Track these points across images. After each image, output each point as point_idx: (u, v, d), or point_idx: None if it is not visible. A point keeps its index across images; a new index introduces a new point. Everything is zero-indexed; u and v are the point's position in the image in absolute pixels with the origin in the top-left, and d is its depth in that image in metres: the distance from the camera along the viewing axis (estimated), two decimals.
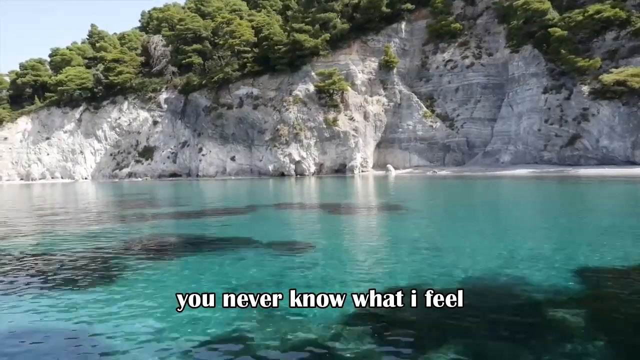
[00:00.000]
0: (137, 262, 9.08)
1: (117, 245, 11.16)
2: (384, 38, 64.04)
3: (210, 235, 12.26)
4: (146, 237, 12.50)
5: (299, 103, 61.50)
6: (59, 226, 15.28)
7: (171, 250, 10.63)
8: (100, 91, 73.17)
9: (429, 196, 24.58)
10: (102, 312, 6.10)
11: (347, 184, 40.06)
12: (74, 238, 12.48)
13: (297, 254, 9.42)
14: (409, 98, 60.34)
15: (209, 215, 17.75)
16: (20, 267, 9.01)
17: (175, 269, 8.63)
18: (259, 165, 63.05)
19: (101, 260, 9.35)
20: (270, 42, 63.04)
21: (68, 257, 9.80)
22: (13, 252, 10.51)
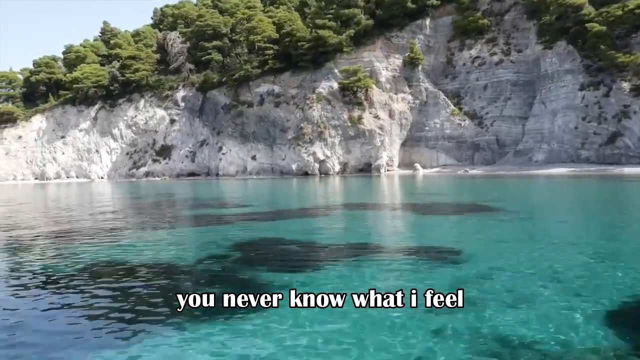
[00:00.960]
0: (291, 272, 7.78)
1: (249, 253, 9.89)
2: (408, 34, 62.75)
3: (333, 241, 10.96)
4: (262, 242, 11.21)
5: (322, 101, 60.19)
6: (162, 231, 13.98)
7: (321, 257, 9.29)
8: (116, 89, 71.83)
9: (500, 196, 23.29)
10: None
11: (382, 183, 38.78)
12: (191, 245, 11.20)
13: (456, 262, 8.13)
14: (435, 96, 59.04)
15: (298, 217, 16.42)
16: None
17: (349, 274, 7.32)
18: (281, 164, 61.74)
19: (248, 268, 8.08)
20: (292, 39, 61.71)
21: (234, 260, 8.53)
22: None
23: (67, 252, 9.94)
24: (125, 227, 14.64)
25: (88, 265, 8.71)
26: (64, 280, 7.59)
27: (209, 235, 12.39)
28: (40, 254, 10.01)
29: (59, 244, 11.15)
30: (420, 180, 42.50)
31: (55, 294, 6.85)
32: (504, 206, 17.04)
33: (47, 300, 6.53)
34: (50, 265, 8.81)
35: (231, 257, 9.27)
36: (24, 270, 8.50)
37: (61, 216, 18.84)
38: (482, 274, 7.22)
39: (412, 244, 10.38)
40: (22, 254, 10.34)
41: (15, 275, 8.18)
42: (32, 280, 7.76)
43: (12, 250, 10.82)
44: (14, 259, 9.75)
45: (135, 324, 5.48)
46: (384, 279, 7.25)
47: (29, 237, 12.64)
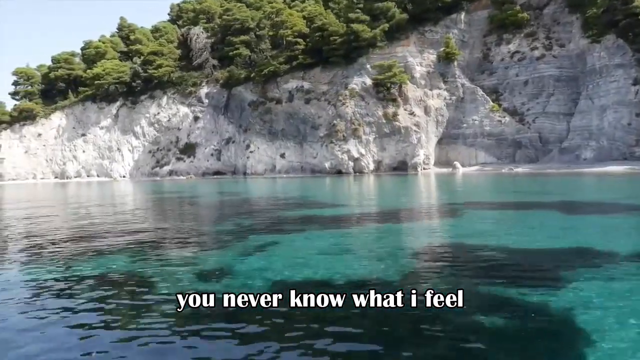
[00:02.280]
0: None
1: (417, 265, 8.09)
2: (442, 29, 61.01)
3: (541, 245, 9.13)
4: (452, 247, 9.40)
5: (356, 97, 58.39)
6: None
7: (563, 266, 7.48)
8: (138, 85, 69.98)
9: (595, 194, 21.48)
10: None
11: (436, 182, 36.98)
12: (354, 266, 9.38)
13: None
14: (473, 92, 57.24)
15: (429, 218, 14.65)
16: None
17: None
18: (313, 163, 59.91)
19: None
20: (323, 33, 59.87)
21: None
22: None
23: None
24: (254, 229, 12.83)
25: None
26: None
27: (379, 243, 10.55)
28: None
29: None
30: (470, 178, 40.64)
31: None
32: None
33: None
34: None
35: (470, 272, 7.46)
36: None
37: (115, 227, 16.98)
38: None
39: (615, 250, 8.53)
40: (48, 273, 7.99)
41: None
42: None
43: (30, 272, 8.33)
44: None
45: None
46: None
47: (55, 251, 10.14)
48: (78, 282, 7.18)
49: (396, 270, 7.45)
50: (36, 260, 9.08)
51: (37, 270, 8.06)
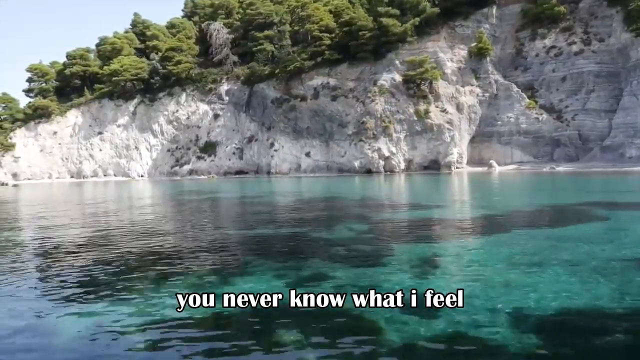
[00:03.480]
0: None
1: None
2: (473, 24, 59.16)
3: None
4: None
5: (385, 94, 56.51)
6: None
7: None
8: (157, 82, 68.02)
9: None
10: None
11: (483, 181, 35.09)
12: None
13: None
14: (507, 88, 55.35)
15: (576, 221, 12.76)
16: None
17: None
18: (340, 162, 57.98)
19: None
20: (352, 28, 57.95)
21: None
22: None
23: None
24: (387, 236, 10.92)
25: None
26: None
27: (568, 251, 8.64)
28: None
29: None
30: (512, 178, 38.71)
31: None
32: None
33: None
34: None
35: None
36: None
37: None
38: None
39: None
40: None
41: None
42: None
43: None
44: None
45: None
46: None
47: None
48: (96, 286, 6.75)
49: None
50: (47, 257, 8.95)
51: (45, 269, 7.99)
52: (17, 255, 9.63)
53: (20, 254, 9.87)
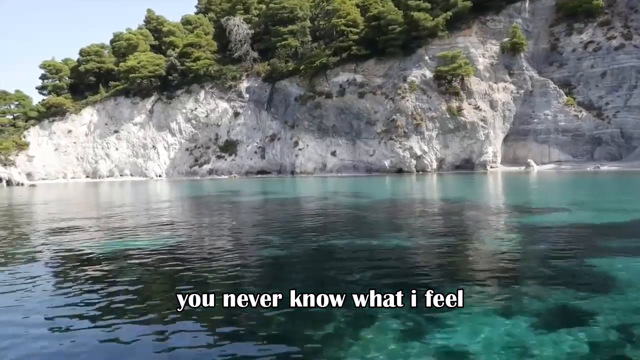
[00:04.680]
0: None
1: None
2: (505, 18, 57.14)
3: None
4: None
5: (416, 90, 54.49)
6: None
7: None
8: (175, 79, 65.92)
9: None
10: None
11: (534, 181, 33.04)
12: None
13: None
14: (543, 84, 53.33)
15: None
16: None
17: None
18: (369, 161, 55.94)
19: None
20: (380, 22, 55.91)
21: None
22: None
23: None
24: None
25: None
26: None
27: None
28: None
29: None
30: (557, 177, 36.64)
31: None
32: None
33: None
34: None
35: None
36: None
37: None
38: None
39: None
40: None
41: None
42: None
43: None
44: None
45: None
46: None
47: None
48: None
49: None
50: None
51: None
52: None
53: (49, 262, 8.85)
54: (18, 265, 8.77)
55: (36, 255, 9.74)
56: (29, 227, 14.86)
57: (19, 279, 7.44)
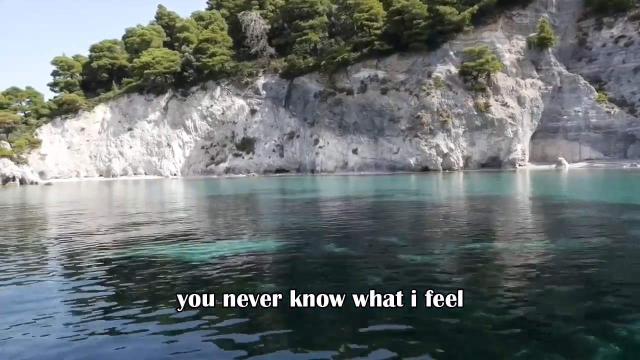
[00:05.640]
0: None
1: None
2: (532, 13, 55.72)
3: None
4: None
5: (442, 86, 53.05)
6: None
7: None
8: (191, 75, 64.41)
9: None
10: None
11: (580, 180, 31.59)
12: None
13: None
14: (573, 80, 51.89)
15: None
16: None
17: None
18: (392, 159, 54.50)
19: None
20: (404, 17, 54.47)
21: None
22: None
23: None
24: None
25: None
26: None
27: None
28: None
29: None
30: (593, 175, 35.14)
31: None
32: None
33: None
34: None
35: None
36: None
37: None
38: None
39: None
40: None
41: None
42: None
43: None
44: None
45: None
46: None
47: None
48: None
49: None
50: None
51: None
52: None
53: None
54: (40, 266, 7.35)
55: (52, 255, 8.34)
56: (56, 230, 13.41)
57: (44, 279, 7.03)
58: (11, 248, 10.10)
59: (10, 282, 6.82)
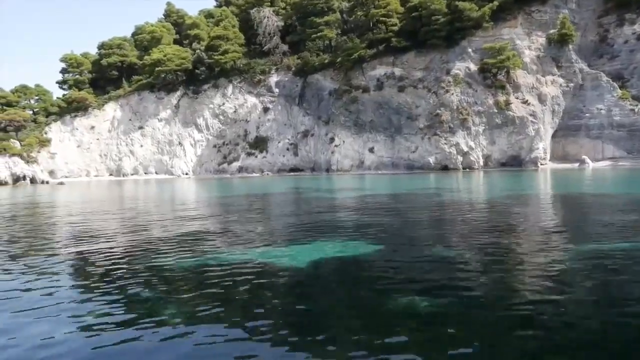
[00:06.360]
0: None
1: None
2: (551, 9, 54.79)
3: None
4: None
5: (461, 84, 52.11)
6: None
7: None
8: (202, 73, 63.38)
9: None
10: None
11: (605, 179, 30.65)
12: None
13: None
14: (595, 78, 50.98)
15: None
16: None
17: None
18: (410, 158, 53.55)
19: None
20: (422, 13, 53.51)
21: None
22: None
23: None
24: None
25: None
26: None
27: None
28: None
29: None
30: (629, 174, 34.20)
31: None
32: None
33: None
34: None
35: None
36: None
37: None
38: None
39: None
40: None
41: None
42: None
43: None
44: None
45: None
46: None
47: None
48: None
49: None
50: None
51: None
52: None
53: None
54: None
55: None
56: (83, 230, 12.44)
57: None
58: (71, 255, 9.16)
59: (65, 288, 6.37)
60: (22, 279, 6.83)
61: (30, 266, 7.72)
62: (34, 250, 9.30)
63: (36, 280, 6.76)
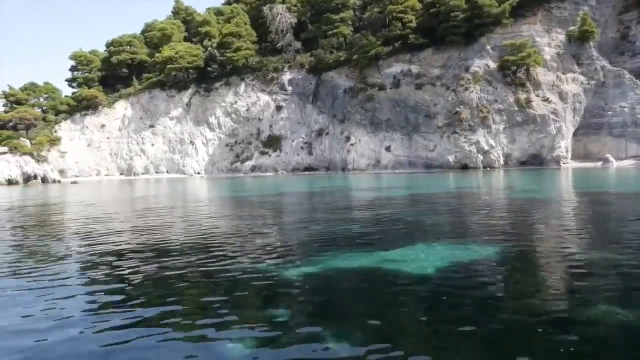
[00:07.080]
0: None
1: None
2: (571, 6, 53.94)
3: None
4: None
5: (481, 81, 51.23)
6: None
7: None
8: (215, 70, 62.44)
9: None
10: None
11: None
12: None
13: None
14: (617, 75, 50.12)
15: None
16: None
17: None
18: (429, 156, 52.65)
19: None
20: (440, 9, 52.63)
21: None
22: None
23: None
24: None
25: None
26: None
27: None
28: None
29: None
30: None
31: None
32: None
33: None
34: None
35: None
36: None
37: None
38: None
39: None
40: None
41: None
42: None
43: None
44: None
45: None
46: None
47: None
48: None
49: None
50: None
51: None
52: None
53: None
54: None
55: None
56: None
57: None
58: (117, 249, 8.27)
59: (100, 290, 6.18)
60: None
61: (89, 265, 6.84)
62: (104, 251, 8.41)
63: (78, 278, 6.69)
